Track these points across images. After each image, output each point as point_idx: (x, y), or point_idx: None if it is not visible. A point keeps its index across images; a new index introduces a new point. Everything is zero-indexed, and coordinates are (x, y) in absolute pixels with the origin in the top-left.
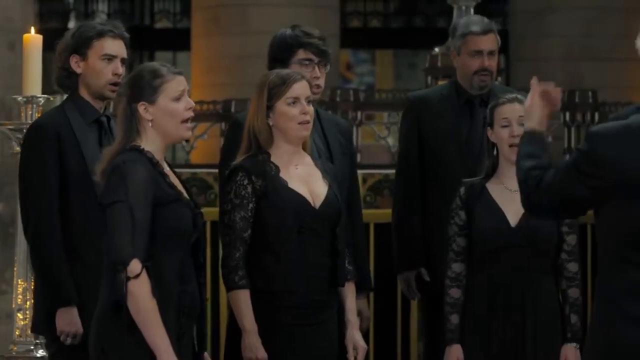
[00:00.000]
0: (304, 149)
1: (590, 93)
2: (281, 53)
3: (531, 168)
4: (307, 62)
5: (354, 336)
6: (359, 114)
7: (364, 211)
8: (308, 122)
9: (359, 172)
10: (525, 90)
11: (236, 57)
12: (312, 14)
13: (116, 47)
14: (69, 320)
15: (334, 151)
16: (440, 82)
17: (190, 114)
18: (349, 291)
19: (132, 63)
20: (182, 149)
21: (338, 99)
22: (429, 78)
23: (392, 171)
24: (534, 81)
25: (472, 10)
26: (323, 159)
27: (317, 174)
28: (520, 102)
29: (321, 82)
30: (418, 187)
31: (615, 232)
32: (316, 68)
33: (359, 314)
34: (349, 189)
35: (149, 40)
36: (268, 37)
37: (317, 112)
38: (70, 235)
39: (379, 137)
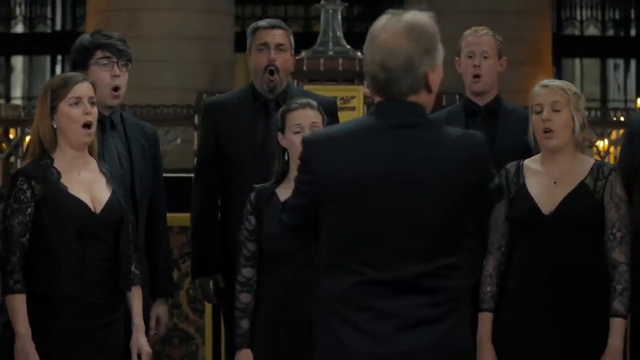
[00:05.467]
0: (91, 153)
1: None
2: (80, 57)
3: None
4: (105, 62)
5: (139, 340)
6: None
7: None
8: (91, 125)
9: None
10: None
11: None
12: (204, 19)
13: None
14: None
15: (134, 156)
16: (306, 86)
17: None
18: (136, 295)
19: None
20: None
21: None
22: (295, 82)
23: None
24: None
25: (339, 15)
26: (119, 164)
27: (101, 180)
28: (313, 107)
29: (121, 81)
30: (215, 192)
31: (328, 238)
32: (115, 67)
33: (158, 319)
34: (153, 194)
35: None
36: (159, 42)
37: (121, 116)
38: None
39: None
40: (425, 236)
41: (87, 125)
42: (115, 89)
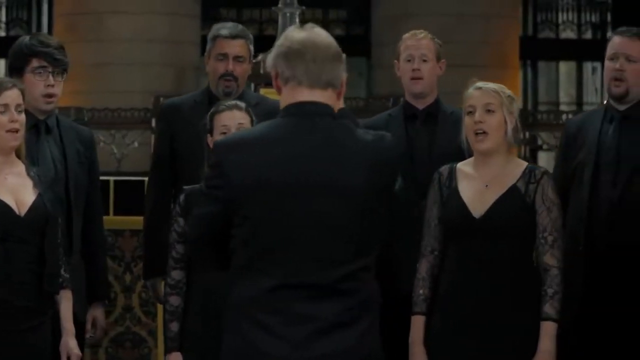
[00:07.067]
0: (19, 157)
1: None
2: (16, 62)
3: None
4: (40, 71)
5: (68, 343)
6: None
7: None
8: (17, 131)
9: None
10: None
11: (92, 64)
12: (170, 22)
13: None
14: None
15: (69, 159)
16: (263, 90)
17: None
18: (65, 299)
19: None
20: None
21: None
22: (252, 85)
23: None
24: None
25: (296, 18)
26: (54, 168)
27: (28, 183)
28: (240, 108)
29: (56, 90)
30: (169, 194)
31: (243, 241)
32: (50, 76)
33: (94, 322)
34: (88, 199)
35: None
36: (124, 45)
37: (56, 119)
38: None
39: None
40: (339, 239)
41: (13, 131)
42: (49, 96)
